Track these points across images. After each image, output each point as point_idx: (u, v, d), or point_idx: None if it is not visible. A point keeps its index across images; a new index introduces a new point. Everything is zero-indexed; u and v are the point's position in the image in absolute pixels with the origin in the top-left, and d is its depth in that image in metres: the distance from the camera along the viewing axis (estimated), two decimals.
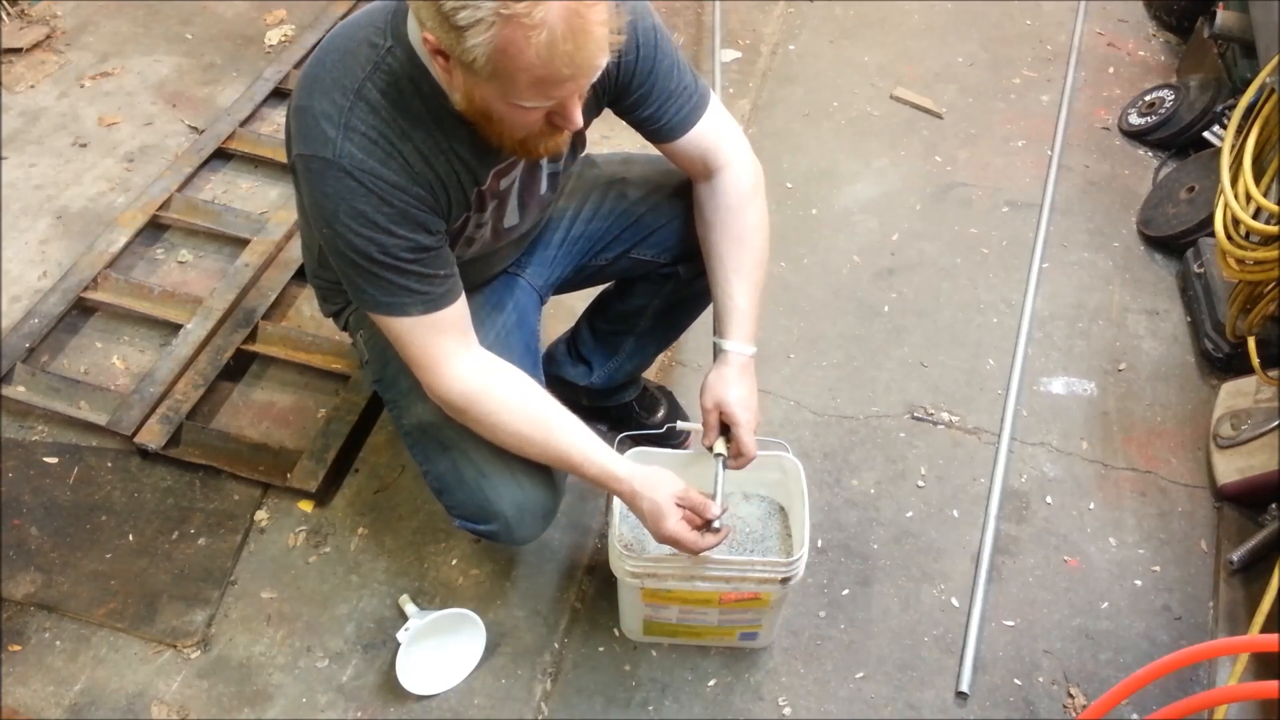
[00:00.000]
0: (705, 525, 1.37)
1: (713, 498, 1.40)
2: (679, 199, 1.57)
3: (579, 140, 1.43)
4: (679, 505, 1.36)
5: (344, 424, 1.91)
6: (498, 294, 1.58)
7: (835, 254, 2.42)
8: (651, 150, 1.49)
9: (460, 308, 1.31)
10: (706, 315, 1.69)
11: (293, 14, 2.92)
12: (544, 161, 1.39)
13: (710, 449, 1.46)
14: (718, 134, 1.44)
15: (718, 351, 1.48)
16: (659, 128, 1.40)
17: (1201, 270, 2.28)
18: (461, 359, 1.31)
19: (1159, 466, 2.03)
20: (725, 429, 1.47)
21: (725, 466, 1.45)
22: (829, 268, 2.39)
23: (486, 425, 1.34)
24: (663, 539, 1.37)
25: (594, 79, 1.10)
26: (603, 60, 1.06)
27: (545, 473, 1.46)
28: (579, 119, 1.14)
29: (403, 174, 1.19)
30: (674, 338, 1.87)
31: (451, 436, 1.42)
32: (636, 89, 1.35)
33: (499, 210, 1.39)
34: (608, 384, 1.87)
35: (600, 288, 1.80)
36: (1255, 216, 1.82)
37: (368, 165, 1.16)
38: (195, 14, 2.91)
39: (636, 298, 1.72)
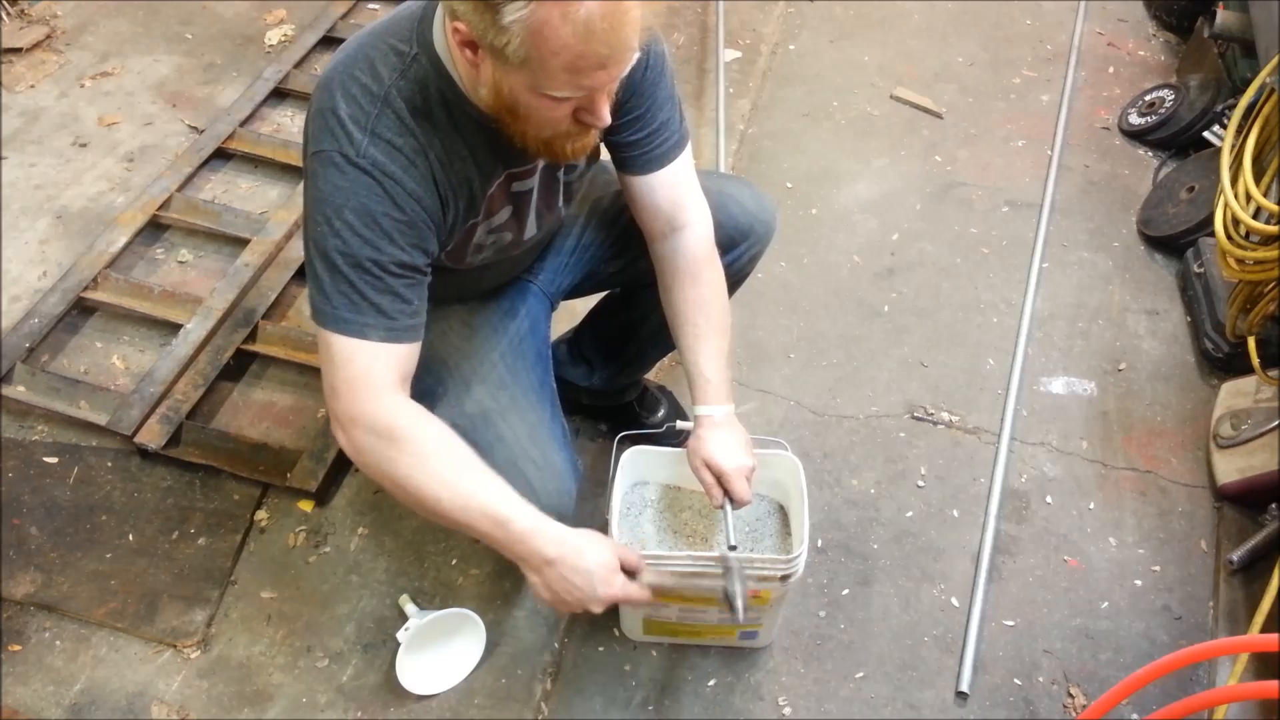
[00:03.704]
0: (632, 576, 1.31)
1: (726, 538, 1.44)
2: None
3: (593, 151, 1.41)
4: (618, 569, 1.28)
5: None
6: (511, 300, 1.57)
7: (835, 254, 2.42)
8: None
9: (414, 353, 1.24)
10: None
11: (293, 14, 2.92)
12: (560, 172, 1.39)
13: (720, 508, 1.47)
14: (688, 185, 1.44)
15: (694, 418, 1.48)
16: (639, 155, 1.38)
17: (1201, 270, 2.28)
18: (399, 395, 1.22)
19: (1159, 466, 2.03)
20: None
21: (732, 509, 1.46)
22: (829, 268, 2.39)
23: (412, 459, 1.19)
24: (605, 601, 1.27)
25: (624, 71, 1.08)
26: (635, 48, 1.05)
27: (560, 474, 1.43)
28: (607, 115, 1.13)
29: (420, 183, 1.18)
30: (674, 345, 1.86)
31: (474, 439, 1.37)
32: (634, 109, 1.33)
33: (518, 218, 1.38)
34: (608, 386, 1.87)
35: (605, 291, 1.80)
36: (1255, 216, 1.82)
37: (389, 169, 1.16)
38: (195, 14, 2.91)
39: (641, 306, 1.71)
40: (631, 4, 1.01)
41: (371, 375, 1.20)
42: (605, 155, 1.45)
